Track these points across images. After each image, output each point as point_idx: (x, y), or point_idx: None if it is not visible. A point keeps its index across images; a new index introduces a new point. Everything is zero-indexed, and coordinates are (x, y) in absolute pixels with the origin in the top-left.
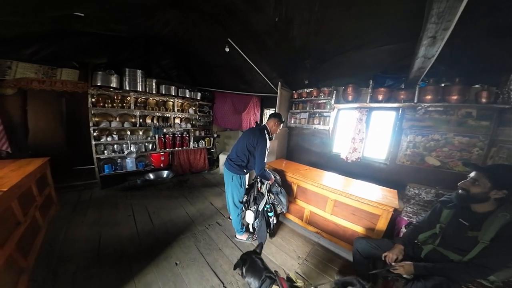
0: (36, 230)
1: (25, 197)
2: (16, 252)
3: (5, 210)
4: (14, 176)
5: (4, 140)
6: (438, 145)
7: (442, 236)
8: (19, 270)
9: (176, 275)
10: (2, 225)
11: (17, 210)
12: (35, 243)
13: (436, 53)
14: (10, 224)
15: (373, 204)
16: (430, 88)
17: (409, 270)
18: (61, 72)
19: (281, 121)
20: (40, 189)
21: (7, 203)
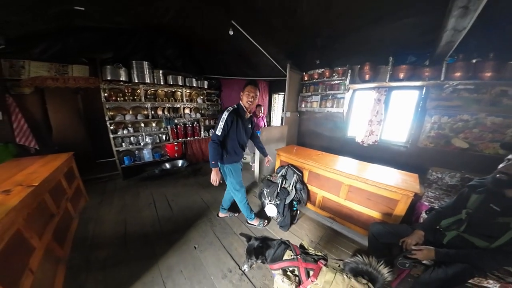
0: (69, 221)
1: (56, 190)
2: (53, 243)
3: (39, 204)
4: (44, 171)
5: (30, 137)
6: (467, 126)
7: (468, 222)
8: (57, 259)
9: (195, 258)
10: (38, 217)
11: (50, 203)
12: (69, 233)
13: (468, 25)
14: (45, 216)
15: (392, 189)
16: (459, 65)
17: (428, 256)
18: (72, 69)
19: (245, 86)
20: (69, 182)
21: (40, 196)
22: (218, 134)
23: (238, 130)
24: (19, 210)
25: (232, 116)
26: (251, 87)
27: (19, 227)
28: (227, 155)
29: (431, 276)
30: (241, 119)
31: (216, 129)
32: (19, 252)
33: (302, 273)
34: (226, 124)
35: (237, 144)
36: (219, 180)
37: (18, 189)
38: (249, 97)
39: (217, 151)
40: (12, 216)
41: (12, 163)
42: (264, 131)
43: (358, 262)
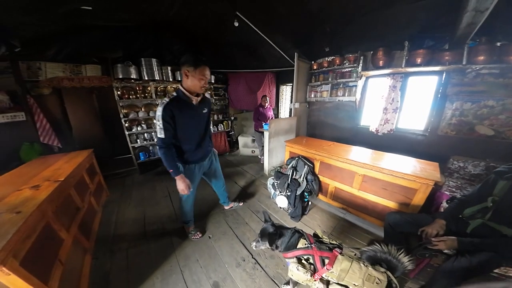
0: (93, 214)
1: (80, 185)
2: (79, 235)
3: (66, 198)
4: (68, 167)
5: (53, 136)
6: (493, 113)
7: (495, 210)
8: (84, 250)
9: (210, 248)
10: (65, 211)
11: (75, 197)
12: (93, 225)
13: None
14: (72, 210)
15: (410, 178)
16: (482, 48)
17: (451, 245)
18: (86, 69)
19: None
20: (91, 177)
21: (66, 191)
22: (161, 137)
23: (182, 123)
24: (48, 204)
25: (169, 111)
26: (205, 68)
27: (48, 220)
28: (178, 156)
29: (454, 265)
30: (185, 109)
31: (157, 131)
32: (50, 244)
33: (317, 261)
34: (165, 122)
35: (183, 140)
36: (188, 187)
37: (46, 184)
38: (204, 81)
39: (169, 156)
40: (42, 209)
41: (39, 161)
42: (272, 123)
43: (376, 250)
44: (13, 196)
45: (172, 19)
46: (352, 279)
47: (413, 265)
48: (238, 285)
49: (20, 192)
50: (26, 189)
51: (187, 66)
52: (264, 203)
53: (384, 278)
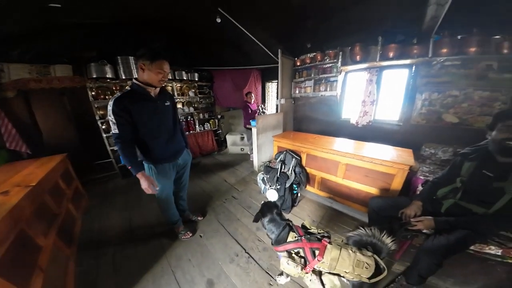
0: (73, 221)
1: (55, 190)
2: (59, 241)
3: (40, 204)
4: (40, 172)
5: (20, 142)
6: (457, 101)
7: (464, 190)
8: (66, 258)
9: (202, 246)
10: (41, 217)
11: (51, 203)
12: (74, 232)
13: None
14: (48, 216)
15: (388, 164)
16: (445, 41)
17: (429, 225)
18: (54, 69)
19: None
20: (67, 183)
21: (40, 196)
22: (115, 132)
23: (142, 118)
24: (21, 210)
25: (122, 105)
26: (163, 62)
27: (23, 227)
28: (148, 154)
29: (434, 243)
30: (143, 102)
31: (111, 127)
32: (27, 251)
33: (308, 253)
34: (117, 116)
35: (150, 137)
36: (152, 185)
37: (17, 190)
38: (162, 75)
39: (127, 152)
40: (14, 215)
41: (7, 168)
42: (260, 119)
43: (361, 234)
44: None
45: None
46: (342, 266)
47: (396, 246)
48: (233, 280)
49: None
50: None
51: (143, 59)
52: (255, 198)
53: (372, 262)
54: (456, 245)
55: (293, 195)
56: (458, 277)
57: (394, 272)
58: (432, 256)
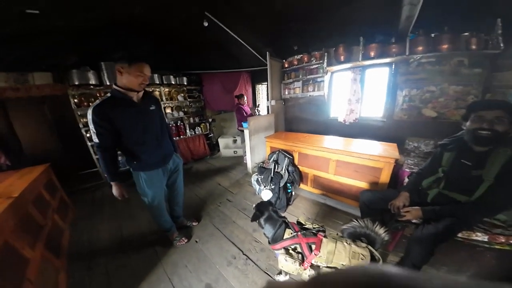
0: (60, 232)
1: (39, 202)
2: (47, 253)
3: (24, 215)
4: (21, 183)
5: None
6: (434, 96)
7: (446, 179)
8: (56, 269)
9: (198, 251)
10: (26, 229)
11: (36, 215)
12: (63, 243)
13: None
14: (34, 227)
15: (375, 158)
16: (420, 39)
17: (417, 215)
18: (33, 77)
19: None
20: (51, 193)
21: (24, 208)
22: (95, 141)
23: (126, 124)
24: (4, 221)
25: (102, 112)
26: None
27: (7, 239)
28: (136, 161)
29: (423, 232)
30: (125, 107)
31: (92, 135)
32: (14, 263)
33: (305, 248)
34: (96, 125)
35: (135, 143)
36: (122, 196)
37: None
38: (143, 78)
39: (106, 161)
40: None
41: None
42: (251, 121)
43: (355, 226)
44: None
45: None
46: (339, 259)
47: (389, 236)
48: (231, 283)
49: None
50: None
51: (121, 62)
52: (250, 199)
53: (367, 253)
54: (444, 233)
55: (288, 194)
56: (451, 266)
57: (389, 263)
58: (423, 245)
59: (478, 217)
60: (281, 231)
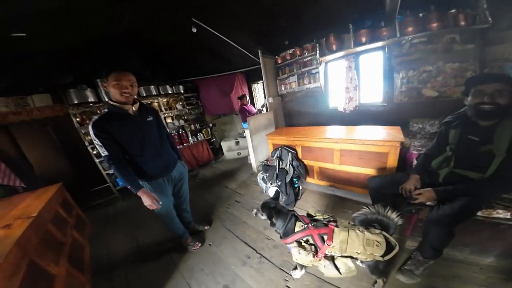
0: (81, 248)
1: (57, 219)
2: (72, 269)
3: (45, 233)
4: (38, 203)
5: (13, 176)
6: (431, 76)
7: (455, 157)
8: (82, 284)
9: (212, 254)
10: (48, 246)
11: (56, 232)
12: (85, 259)
13: None
14: (55, 245)
15: (379, 143)
16: (409, 20)
17: (430, 197)
18: (33, 99)
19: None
20: (67, 211)
21: (43, 226)
22: (105, 154)
23: (125, 137)
24: (27, 240)
25: (100, 127)
26: (117, 74)
27: (31, 257)
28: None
29: (439, 213)
30: (122, 120)
31: (100, 151)
32: (41, 280)
33: (317, 239)
34: (100, 138)
35: (135, 155)
36: (155, 201)
37: (19, 222)
38: (120, 87)
39: (123, 170)
40: (21, 246)
41: (4, 203)
42: (251, 121)
43: (366, 213)
44: None
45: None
46: (353, 247)
47: (402, 220)
48: (248, 282)
49: None
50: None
51: (102, 79)
52: (258, 199)
53: (382, 239)
54: (461, 212)
55: (295, 189)
56: (474, 246)
57: (408, 249)
58: (439, 226)
59: (495, 194)
60: (292, 225)
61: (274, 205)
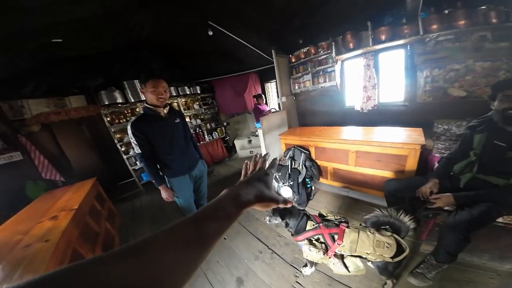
0: (112, 238)
1: (93, 212)
2: None
3: (84, 225)
4: (78, 197)
5: (54, 171)
6: (459, 75)
7: (479, 162)
8: None
9: (227, 248)
10: (86, 236)
11: (92, 223)
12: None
13: None
14: (92, 235)
15: (398, 146)
16: (433, 17)
17: (448, 202)
18: (70, 100)
19: (145, 82)
20: (100, 204)
21: (83, 218)
22: (138, 152)
23: (157, 136)
24: (71, 231)
25: (138, 127)
26: (154, 81)
27: (75, 245)
28: (166, 168)
29: (456, 219)
30: (155, 122)
31: (134, 148)
32: None
33: (327, 238)
34: (137, 137)
35: (164, 153)
36: (171, 197)
37: (63, 214)
38: (157, 93)
39: (150, 167)
40: (67, 236)
41: (47, 196)
42: (264, 120)
43: (378, 215)
44: (36, 228)
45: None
46: (363, 248)
47: (414, 224)
48: (260, 276)
49: (41, 224)
50: (46, 220)
51: (140, 84)
52: None
53: (393, 241)
54: (480, 218)
55: (307, 189)
56: (493, 252)
57: (423, 253)
58: (456, 231)
59: None
60: (303, 223)
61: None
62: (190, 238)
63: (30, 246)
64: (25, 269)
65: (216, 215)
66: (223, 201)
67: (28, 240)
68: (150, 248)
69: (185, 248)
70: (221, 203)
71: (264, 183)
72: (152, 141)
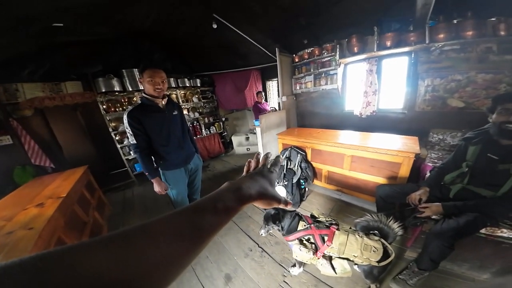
0: (100, 228)
1: (82, 200)
2: None
3: (71, 213)
4: (67, 184)
5: (44, 157)
6: (460, 86)
7: (471, 174)
8: None
9: (217, 244)
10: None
11: (80, 212)
12: None
13: None
14: (79, 224)
15: (393, 153)
16: (441, 26)
17: (437, 211)
18: (66, 86)
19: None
20: (90, 193)
21: (71, 207)
22: (133, 142)
23: (153, 127)
24: (57, 219)
25: (134, 117)
26: (151, 70)
27: (60, 234)
28: (161, 161)
29: (443, 227)
30: (152, 113)
31: (129, 138)
32: None
33: (318, 239)
34: (133, 127)
35: (160, 144)
36: (163, 191)
37: (50, 202)
38: (153, 83)
39: (145, 159)
40: (52, 224)
41: (36, 182)
42: (263, 118)
43: (368, 220)
44: (21, 215)
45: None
46: (351, 250)
47: (402, 231)
48: (248, 273)
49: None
50: (32, 207)
51: (139, 74)
52: None
53: (380, 245)
54: (466, 227)
55: (301, 190)
56: (473, 262)
57: (407, 259)
58: (442, 239)
59: (505, 212)
60: (295, 223)
61: (276, 211)
62: (185, 231)
63: (12, 233)
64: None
65: (215, 208)
66: (224, 194)
67: (11, 227)
68: (139, 238)
69: (178, 241)
70: (222, 196)
71: (268, 180)
72: (148, 132)
